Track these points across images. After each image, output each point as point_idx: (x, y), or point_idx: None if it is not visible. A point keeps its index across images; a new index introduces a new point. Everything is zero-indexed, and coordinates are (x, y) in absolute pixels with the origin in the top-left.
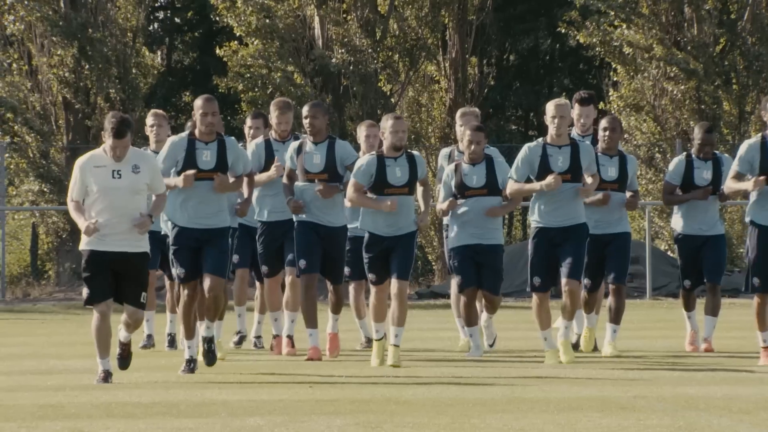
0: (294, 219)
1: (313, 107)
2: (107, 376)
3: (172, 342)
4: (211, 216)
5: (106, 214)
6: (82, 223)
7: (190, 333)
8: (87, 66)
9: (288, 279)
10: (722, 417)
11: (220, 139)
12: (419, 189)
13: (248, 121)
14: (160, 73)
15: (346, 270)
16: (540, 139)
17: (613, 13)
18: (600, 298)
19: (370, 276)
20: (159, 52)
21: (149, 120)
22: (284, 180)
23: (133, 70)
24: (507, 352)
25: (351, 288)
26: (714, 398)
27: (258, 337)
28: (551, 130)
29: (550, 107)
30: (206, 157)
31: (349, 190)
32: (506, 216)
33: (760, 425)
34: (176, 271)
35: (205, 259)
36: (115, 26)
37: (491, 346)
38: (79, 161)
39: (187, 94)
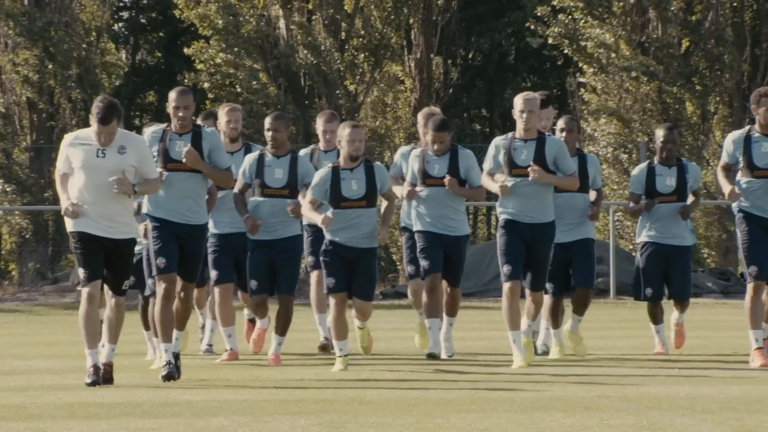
0: (249, 237)
1: (275, 120)
2: (97, 371)
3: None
4: (187, 211)
5: (90, 195)
6: (63, 202)
7: (167, 335)
8: (51, 66)
9: (245, 304)
10: (685, 416)
11: (195, 130)
12: (383, 203)
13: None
14: (125, 73)
15: (310, 259)
16: (509, 134)
17: (581, 5)
18: (563, 309)
19: (329, 281)
20: (124, 52)
21: None
22: (236, 192)
23: (97, 71)
24: (472, 354)
25: (313, 278)
26: (677, 398)
27: (210, 345)
28: (519, 125)
29: (518, 101)
30: (179, 147)
31: (304, 204)
32: (470, 215)
33: (722, 424)
34: (156, 261)
35: (182, 264)
36: (79, 25)
37: (450, 357)
38: (67, 137)
39: (152, 93)
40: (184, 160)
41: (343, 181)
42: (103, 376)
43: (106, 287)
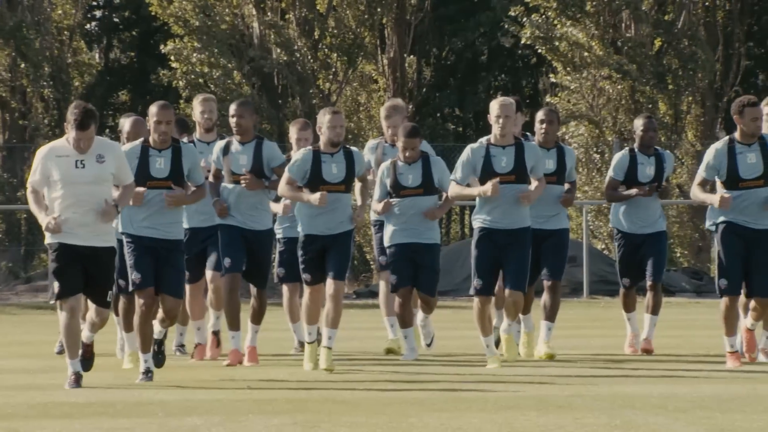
0: (218, 221)
1: (240, 106)
2: (78, 379)
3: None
4: (166, 226)
5: (70, 205)
6: (42, 219)
7: (147, 346)
8: (23, 65)
9: (211, 286)
10: (658, 415)
11: (175, 146)
12: (357, 185)
13: None
14: (98, 72)
15: (281, 271)
16: (483, 140)
17: (554, 5)
18: (532, 298)
19: (305, 276)
20: (97, 51)
21: None
22: (210, 179)
23: (69, 70)
24: (446, 355)
25: (285, 290)
26: (650, 397)
27: (181, 346)
28: (495, 130)
29: (494, 106)
30: (160, 164)
31: (282, 184)
32: (444, 215)
33: (695, 423)
34: (131, 276)
35: (162, 278)
36: (51, 24)
37: (429, 345)
38: (41, 150)
39: (125, 93)
40: (167, 204)
41: (324, 164)
42: (84, 356)
43: (91, 305)
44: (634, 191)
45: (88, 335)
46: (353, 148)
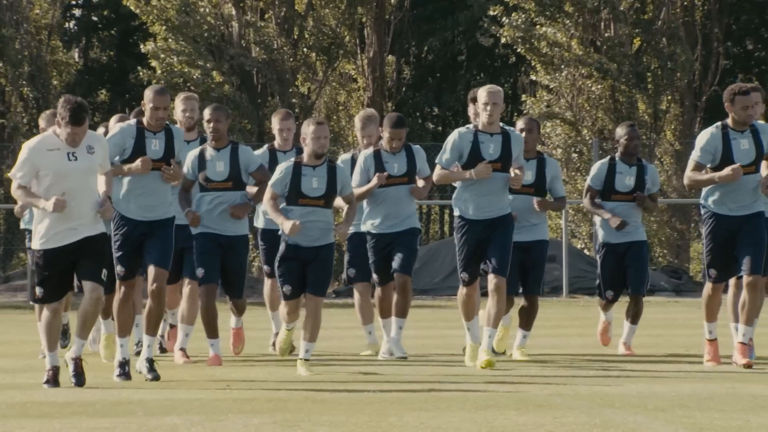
0: (192, 230)
1: (215, 111)
2: (56, 375)
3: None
4: (157, 207)
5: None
6: (44, 203)
7: (124, 330)
8: (1, 64)
9: (186, 289)
10: (638, 414)
11: (167, 128)
12: (345, 207)
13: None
14: (77, 71)
15: (266, 269)
16: (471, 126)
17: (533, 6)
18: (513, 303)
19: (285, 288)
20: (76, 50)
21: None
22: (180, 189)
23: (48, 69)
24: (425, 354)
25: (267, 283)
26: (630, 396)
27: (161, 336)
28: (483, 117)
29: (482, 94)
30: (155, 146)
31: (265, 198)
32: (423, 214)
33: (674, 422)
34: (117, 268)
35: (148, 250)
36: (30, 24)
37: (404, 357)
38: (29, 144)
39: (103, 92)
40: (165, 179)
41: (304, 177)
42: (75, 370)
43: (86, 283)
44: (608, 216)
45: (78, 347)
46: (338, 164)
